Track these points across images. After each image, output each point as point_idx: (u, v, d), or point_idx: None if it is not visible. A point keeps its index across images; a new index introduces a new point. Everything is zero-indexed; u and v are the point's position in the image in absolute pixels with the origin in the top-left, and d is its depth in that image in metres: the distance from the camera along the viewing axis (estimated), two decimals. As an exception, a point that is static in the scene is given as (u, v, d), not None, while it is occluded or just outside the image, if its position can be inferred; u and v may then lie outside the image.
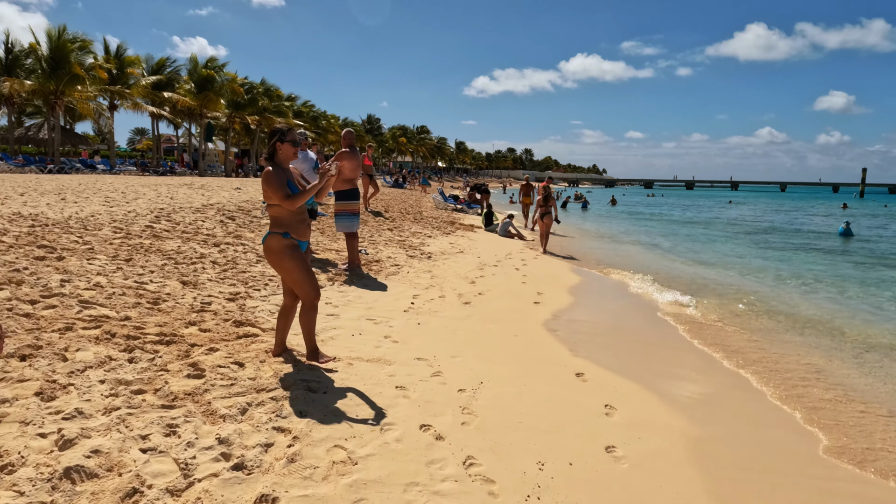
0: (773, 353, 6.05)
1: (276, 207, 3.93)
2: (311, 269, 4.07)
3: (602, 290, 9.28)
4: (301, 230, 4.03)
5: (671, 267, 12.23)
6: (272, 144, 3.98)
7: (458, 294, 7.51)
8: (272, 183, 3.84)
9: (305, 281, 4.00)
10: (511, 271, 9.90)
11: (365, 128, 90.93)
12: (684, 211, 39.69)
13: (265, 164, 4.00)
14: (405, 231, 13.48)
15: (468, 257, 10.94)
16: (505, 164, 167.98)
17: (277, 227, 3.96)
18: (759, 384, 5.07)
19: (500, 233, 16.01)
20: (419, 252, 10.67)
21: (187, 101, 34.04)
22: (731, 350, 6.04)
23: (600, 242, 16.86)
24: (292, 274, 3.98)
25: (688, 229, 24.03)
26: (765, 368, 5.52)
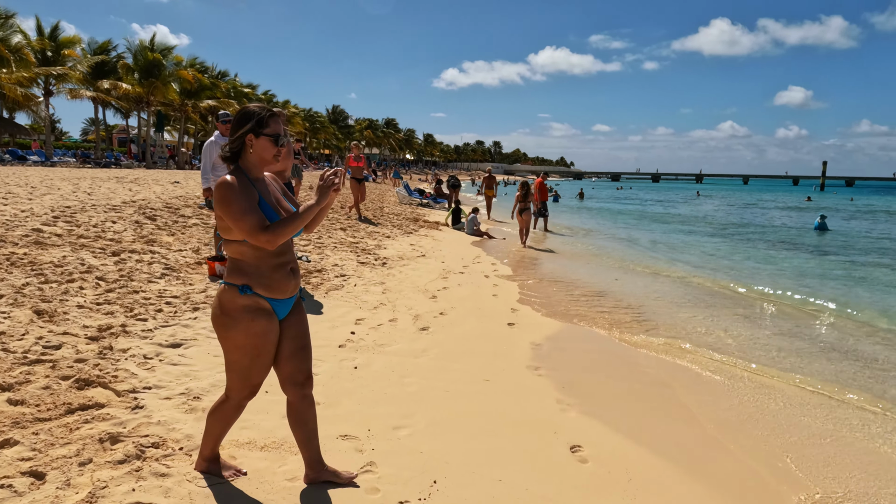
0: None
1: (236, 245, 2.36)
2: (270, 355, 2.48)
3: (614, 292, 7.92)
4: (277, 282, 2.42)
5: (657, 265, 10.99)
6: (238, 137, 2.38)
7: (414, 315, 6.03)
8: (233, 204, 2.25)
9: (246, 372, 2.44)
10: (480, 279, 8.47)
11: (330, 119, 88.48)
12: (656, 206, 38.94)
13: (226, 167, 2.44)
14: (360, 231, 11.93)
15: (431, 262, 9.47)
16: (474, 156, 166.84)
17: (236, 276, 2.39)
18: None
19: (468, 231, 14.58)
20: (373, 257, 9.15)
21: (129, 89, 31.58)
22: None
23: (579, 238, 15.60)
24: (233, 355, 2.42)
25: (664, 226, 23.03)
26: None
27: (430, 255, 10.26)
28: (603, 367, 5.07)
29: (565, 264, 10.98)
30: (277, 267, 2.41)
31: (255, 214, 2.25)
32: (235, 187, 2.26)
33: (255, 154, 2.37)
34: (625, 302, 7.59)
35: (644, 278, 9.72)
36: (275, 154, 2.39)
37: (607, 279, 9.39)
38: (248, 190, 2.30)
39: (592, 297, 7.77)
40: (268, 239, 2.24)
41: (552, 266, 10.69)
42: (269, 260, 2.39)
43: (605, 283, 8.92)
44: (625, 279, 9.48)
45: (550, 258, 11.67)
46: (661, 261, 12.14)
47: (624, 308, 7.22)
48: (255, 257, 2.36)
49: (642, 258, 12.39)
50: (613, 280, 9.31)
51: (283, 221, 2.29)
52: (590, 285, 8.65)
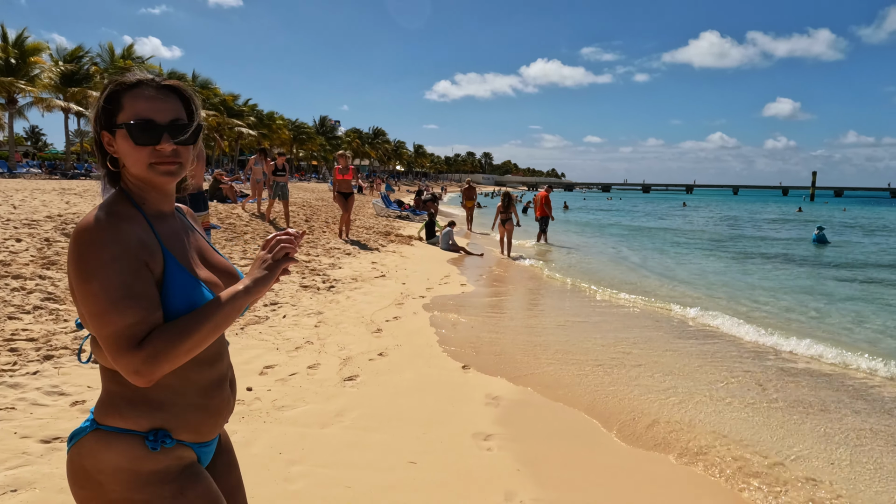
0: None
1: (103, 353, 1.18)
2: None
3: (585, 329, 6.68)
4: (212, 413, 1.32)
5: (648, 284, 9.86)
6: (98, 139, 1.26)
7: (343, 359, 4.84)
8: (92, 278, 1.10)
9: None
10: (444, 302, 7.29)
11: (317, 130, 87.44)
12: (647, 218, 37.99)
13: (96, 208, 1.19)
14: (318, 247, 10.73)
15: (389, 285, 8.29)
16: (464, 167, 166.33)
17: (121, 414, 1.21)
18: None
19: (442, 246, 13.41)
20: (321, 279, 7.96)
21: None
22: None
23: (565, 254, 14.46)
24: None
25: (656, 240, 21.99)
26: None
27: (392, 275, 9.08)
28: (582, 434, 3.88)
29: (546, 288, 9.83)
30: (214, 386, 1.32)
31: (134, 308, 1.11)
32: (96, 241, 1.12)
33: (129, 167, 1.24)
34: (609, 355, 6.42)
35: (634, 318, 8.57)
36: (149, 162, 1.22)
37: (593, 314, 8.24)
38: (118, 246, 1.12)
39: (571, 343, 6.61)
40: (144, 364, 1.08)
41: (531, 289, 9.54)
42: (200, 373, 1.28)
43: (590, 322, 7.77)
44: (610, 316, 8.33)
45: (530, 279, 10.52)
46: (651, 283, 11.00)
47: (606, 370, 6.06)
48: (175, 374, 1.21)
49: (631, 280, 11.26)
50: (595, 317, 8.16)
51: (176, 332, 1.12)
52: (567, 327, 7.49)
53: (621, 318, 7.32)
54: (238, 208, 14.04)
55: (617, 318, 7.35)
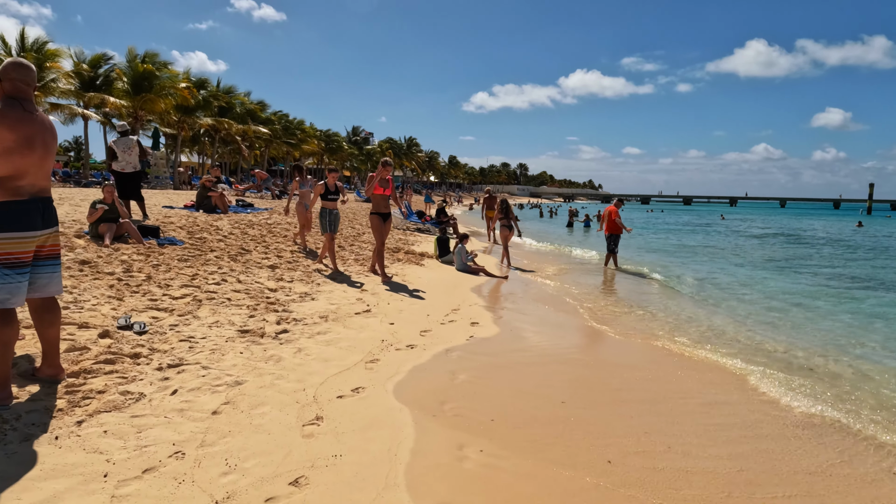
0: None
1: None
2: None
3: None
4: None
5: (727, 328, 7.46)
6: None
7: (222, 497, 2.68)
8: None
9: None
10: (440, 365, 5.09)
11: (349, 140, 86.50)
12: (695, 232, 34.97)
13: None
14: (298, 268, 8.66)
15: (370, 326, 6.12)
16: (499, 178, 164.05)
17: None
18: None
19: (458, 266, 11.20)
20: (275, 318, 5.85)
21: (117, 103, 29.24)
22: None
23: (605, 277, 12.09)
24: None
25: (716, 260, 19.30)
26: None
27: (381, 309, 6.92)
28: None
29: (577, 326, 7.53)
30: None
31: None
32: None
33: None
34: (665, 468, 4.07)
35: (698, 371, 6.19)
36: None
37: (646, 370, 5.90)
38: None
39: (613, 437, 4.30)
40: None
41: (589, 342, 7.26)
42: None
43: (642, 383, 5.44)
44: (664, 369, 5.98)
45: (561, 313, 8.22)
46: (718, 318, 8.54)
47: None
48: None
49: (689, 318, 8.83)
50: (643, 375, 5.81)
51: None
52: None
53: (697, 372, 4.97)
54: (221, 219, 12.12)
55: (686, 364, 5.00)
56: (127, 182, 11.10)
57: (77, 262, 6.81)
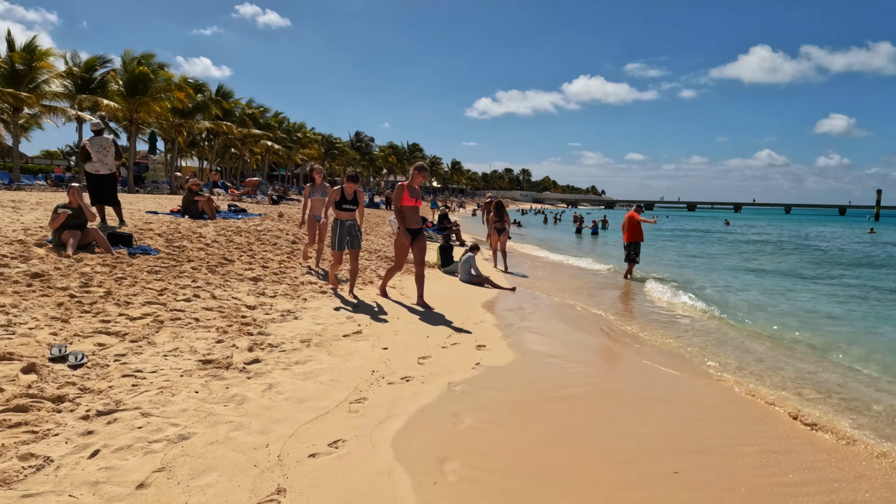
0: None
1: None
2: None
3: None
4: None
5: (772, 356, 6.55)
6: None
7: None
8: None
9: None
10: (441, 400, 4.21)
11: (352, 145, 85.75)
12: (705, 239, 34.06)
13: None
14: (284, 282, 7.78)
15: (360, 351, 5.23)
16: (501, 184, 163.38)
17: None
18: None
19: (463, 277, 10.32)
20: (245, 345, 4.96)
21: (110, 105, 28.45)
22: None
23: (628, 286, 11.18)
24: None
25: (735, 270, 18.40)
26: None
27: (374, 330, 6.03)
28: None
29: (602, 349, 6.63)
30: None
31: None
32: None
33: None
34: None
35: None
36: None
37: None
38: None
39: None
40: None
41: (619, 364, 6.36)
42: None
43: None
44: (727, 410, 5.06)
45: (608, 339, 7.33)
46: (760, 344, 7.63)
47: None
48: None
49: (718, 340, 7.93)
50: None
51: None
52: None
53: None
54: (207, 225, 11.24)
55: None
56: (102, 185, 10.25)
57: (27, 276, 5.95)
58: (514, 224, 36.20)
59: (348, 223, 7.59)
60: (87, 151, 10.16)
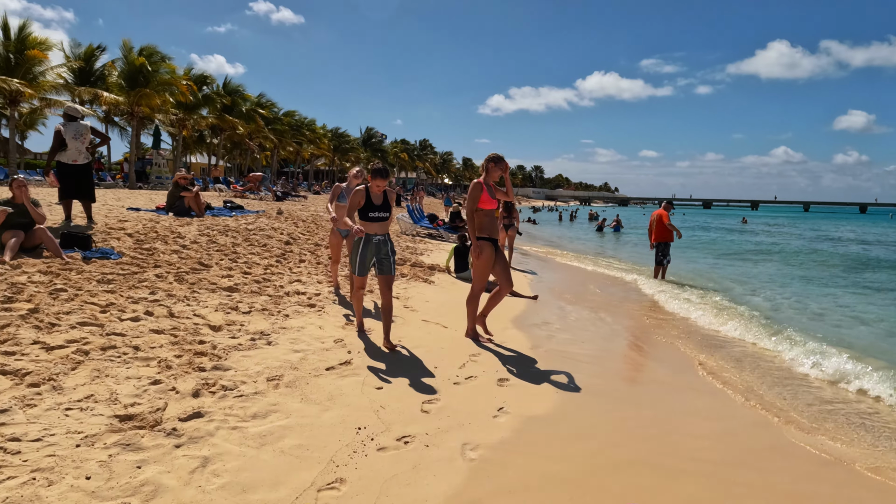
0: None
1: None
2: None
3: None
4: None
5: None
6: None
7: None
8: None
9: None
10: (454, 479, 2.94)
11: (363, 142, 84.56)
12: (730, 237, 32.48)
13: None
14: (266, 291, 6.53)
15: (344, 390, 3.95)
16: (514, 181, 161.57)
17: None
18: None
19: (463, 276, 9.00)
20: (190, 386, 3.70)
21: (111, 98, 27.42)
22: None
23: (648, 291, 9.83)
24: None
25: (770, 266, 16.94)
26: None
27: (366, 360, 4.76)
28: None
29: (674, 385, 5.32)
30: None
31: None
32: None
33: None
34: None
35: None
36: None
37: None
38: None
39: None
40: None
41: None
42: None
43: None
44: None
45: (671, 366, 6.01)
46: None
47: None
48: None
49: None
50: None
51: None
52: None
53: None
54: (190, 224, 10.01)
55: None
56: (79, 177, 9.03)
57: (-63, 288, 4.75)
58: (529, 222, 34.88)
59: (377, 239, 5.18)
60: (62, 138, 8.92)
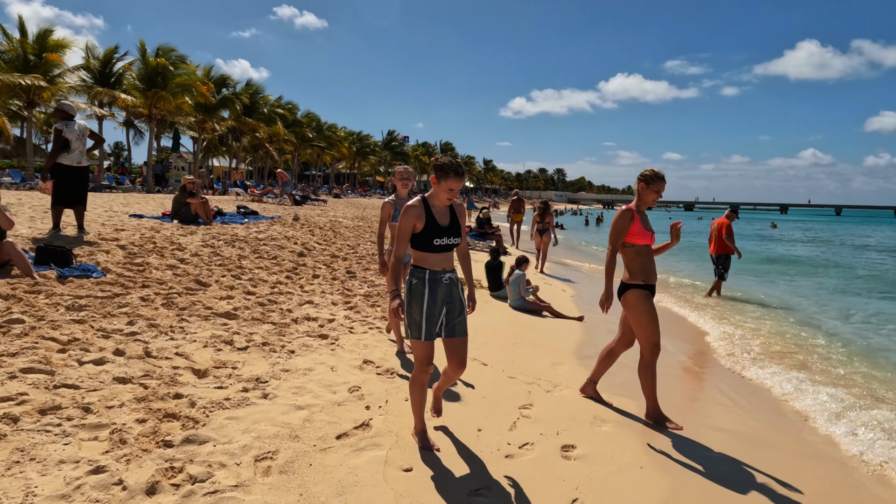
0: None
1: None
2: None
3: None
4: None
5: None
6: None
7: None
8: None
9: None
10: None
11: (385, 145, 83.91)
12: (772, 246, 30.88)
13: None
14: (270, 318, 5.50)
15: (362, 480, 2.87)
16: (536, 184, 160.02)
17: None
18: None
19: (513, 303, 7.90)
20: (158, 466, 2.65)
21: (128, 100, 26.86)
22: None
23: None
24: None
25: (820, 279, 15.57)
26: None
27: (391, 421, 3.69)
28: None
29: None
30: None
31: None
32: None
33: None
34: None
35: None
36: None
37: None
38: None
39: None
40: None
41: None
42: None
43: None
44: None
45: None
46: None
47: None
48: None
49: None
50: None
51: None
52: None
53: None
54: (195, 233, 9.03)
55: None
56: (80, 181, 8.11)
57: None
58: (557, 227, 33.59)
59: (446, 278, 3.23)
60: (66, 139, 7.99)
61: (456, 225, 3.25)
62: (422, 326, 3.11)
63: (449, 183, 3.12)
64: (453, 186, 3.13)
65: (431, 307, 3.13)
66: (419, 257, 3.19)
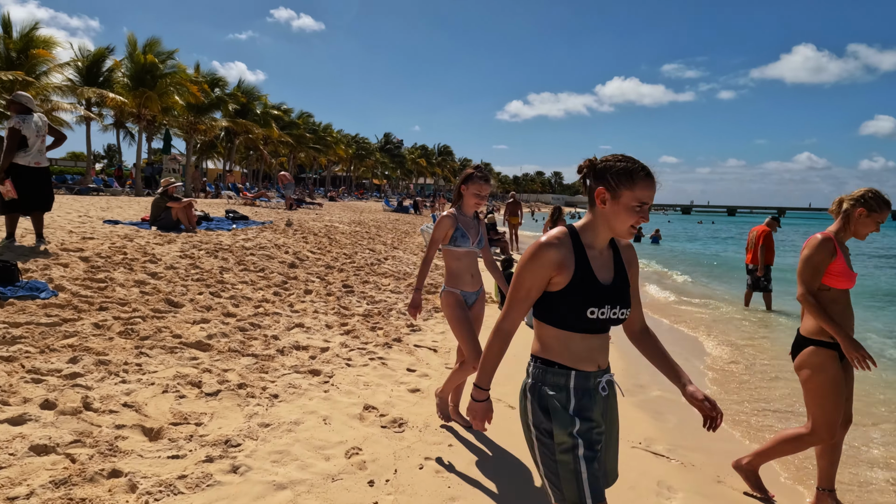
0: None
1: None
2: None
3: None
4: None
5: None
6: None
7: None
8: None
9: None
10: None
11: (381, 147, 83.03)
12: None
13: None
14: (253, 346, 4.59)
15: None
16: (532, 186, 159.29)
17: None
18: None
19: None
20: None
21: (116, 99, 25.87)
22: None
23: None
24: None
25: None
26: None
27: (398, 495, 2.79)
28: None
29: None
30: None
31: None
32: None
33: None
34: None
35: None
36: None
37: None
38: None
39: None
40: None
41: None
42: None
43: None
44: None
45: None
46: None
47: None
48: None
49: None
50: None
51: None
52: None
53: None
54: (174, 241, 8.09)
55: None
56: (41, 184, 7.17)
57: None
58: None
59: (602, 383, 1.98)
60: (23, 136, 7.04)
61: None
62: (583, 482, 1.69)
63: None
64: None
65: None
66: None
